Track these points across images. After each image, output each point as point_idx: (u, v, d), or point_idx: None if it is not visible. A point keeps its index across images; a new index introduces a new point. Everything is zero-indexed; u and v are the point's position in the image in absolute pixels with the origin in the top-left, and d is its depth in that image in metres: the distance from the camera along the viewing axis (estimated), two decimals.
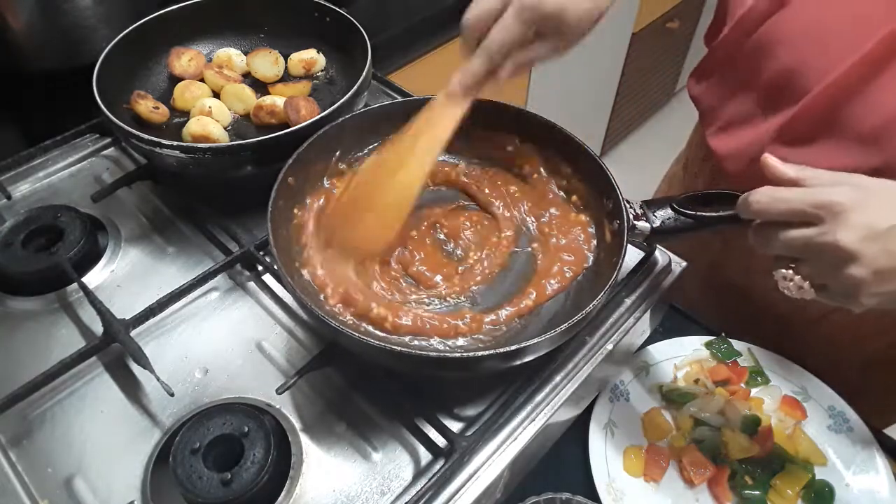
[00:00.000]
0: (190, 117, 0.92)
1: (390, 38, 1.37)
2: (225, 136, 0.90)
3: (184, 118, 0.94)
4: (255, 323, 0.79)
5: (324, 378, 0.73)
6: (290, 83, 0.99)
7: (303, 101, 0.92)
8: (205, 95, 0.96)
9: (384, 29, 1.38)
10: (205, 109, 0.92)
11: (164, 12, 1.00)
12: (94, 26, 1.14)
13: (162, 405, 0.71)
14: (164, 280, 0.82)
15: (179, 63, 1.00)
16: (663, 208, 0.73)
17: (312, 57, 1.02)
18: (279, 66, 1.02)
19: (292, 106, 0.91)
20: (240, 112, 0.97)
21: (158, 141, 0.80)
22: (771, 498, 0.76)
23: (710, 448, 0.79)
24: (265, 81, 1.02)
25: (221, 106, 0.94)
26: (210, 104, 0.92)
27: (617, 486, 0.76)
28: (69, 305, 0.80)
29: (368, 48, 0.94)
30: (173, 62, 1.00)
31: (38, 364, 0.72)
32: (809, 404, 0.84)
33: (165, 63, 1.01)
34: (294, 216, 0.78)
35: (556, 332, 0.62)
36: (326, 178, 0.82)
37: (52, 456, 0.67)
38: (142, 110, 0.91)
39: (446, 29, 1.46)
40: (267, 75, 1.01)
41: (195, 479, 0.61)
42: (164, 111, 0.94)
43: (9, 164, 0.95)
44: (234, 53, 1.03)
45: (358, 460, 0.67)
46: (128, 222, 0.90)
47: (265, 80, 1.02)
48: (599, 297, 0.64)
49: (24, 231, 0.84)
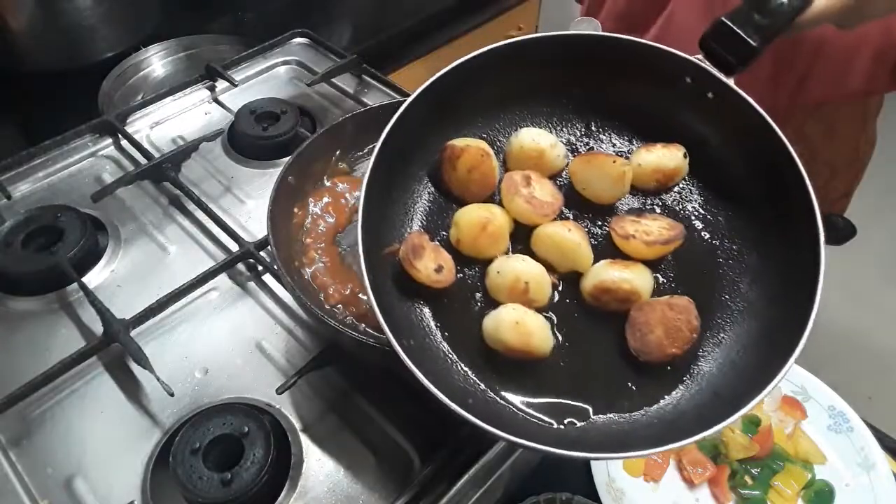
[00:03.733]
0: (491, 291, 0.59)
1: (390, 38, 1.37)
2: (549, 345, 0.57)
3: (473, 271, 0.61)
4: (255, 323, 0.79)
5: (324, 378, 0.73)
6: (641, 221, 0.60)
7: (675, 317, 0.55)
8: (504, 238, 0.61)
9: (384, 29, 1.38)
10: (518, 289, 0.57)
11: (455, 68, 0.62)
12: (94, 26, 1.14)
13: (162, 405, 0.71)
14: (164, 280, 0.82)
15: (455, 173, 0.62)
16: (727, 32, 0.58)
17: (677, 166, 0.63)
18: (624, 186, 0.62)
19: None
20: (562, 271, 0.61)
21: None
22: (771, 498, 0.76)
23: (710, 448, 0.79)
24: (598, 203, 0.63)
25: (542, 277, 0.58)
26: (526, 277, 0.57)
27: (617, 486, 0.76)
28: (69, 305, 0.80)
29: (807, 184, 0.56)
30: (447, 173, 0.63)
31: (37, 364, 0.72)
32: (809, 404, 0.84)
33: (435, 162, 0.65)
34: (294, 215, 0.78)
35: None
36: (327, 178, 0.82)
37: (52, 456, 0.67)
38: (422, 278, 0.57)
39: (447, 29, 1.46)
40: (603, 196, 0.63)
41: (195, 479, 0.61)
42: (450, 271, 0.59)
43: (9, 164, 0.95)
44: (547, 143, 0.64)
45: (358, 460, 0.67)
46: (128, 222, 0.90)
47: (598, 202, 0.63)
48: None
49: (24, 231, 0.84)
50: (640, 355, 0.56)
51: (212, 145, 1.01)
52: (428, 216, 0.64)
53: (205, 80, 1.13)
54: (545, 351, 0.57)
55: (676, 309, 0.56)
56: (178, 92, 1.10)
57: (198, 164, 0.98)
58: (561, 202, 0.63)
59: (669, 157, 0.63)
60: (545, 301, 0.59)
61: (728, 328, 0.59)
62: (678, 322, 0.56)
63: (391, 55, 1.38)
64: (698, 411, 0.54)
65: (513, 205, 0.61)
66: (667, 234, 0.59)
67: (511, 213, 0.62)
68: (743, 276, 0.60)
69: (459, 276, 0.61)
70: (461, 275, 0.61)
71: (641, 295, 0.58)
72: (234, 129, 1.02)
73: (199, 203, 0.89)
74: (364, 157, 0.85)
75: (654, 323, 0.56)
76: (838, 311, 2.15)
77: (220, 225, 0.87)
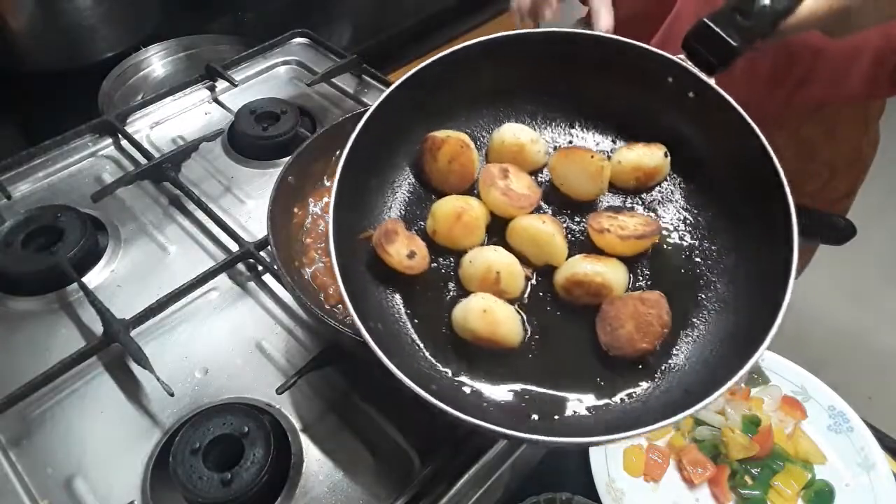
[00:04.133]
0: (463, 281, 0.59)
1: (390, 38, 1.37)
2: (517, 335, 0.57)
3: (448, 261, 0.61)
4: (255, 323, 0.79)
5: (324, 378, 0.73)
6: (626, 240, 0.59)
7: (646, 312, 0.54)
8: (480, 229, 0.61)
9: (384, 29, 1.38)
10: (490, 277, 0.57)
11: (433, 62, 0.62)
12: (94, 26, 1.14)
13: (162, 405, 0.71)
14: (164, 280, 0.82)
15: (436, 164, 0.63)
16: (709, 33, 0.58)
17: (657, 165, 0.63)
18: (603, 182, 0.62)
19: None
20: (537, 263, 0.61)
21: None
22: (771, 498, 0.76)
23: (710, 448, 0.79)
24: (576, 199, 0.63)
25: (515, 268, 0.58)
26: (497, 267, 0.57)
27: (617, 486, 0.76)
28: (69, 305, 0.80)
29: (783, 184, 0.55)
30: (428, 163, 0.63)
31: (37, 364, 0.72)
32: (809, 404, 0.84)
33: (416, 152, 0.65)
34: (294, 215, 0.78)
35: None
36: (327, 178, 0.82)
37: (52, 456, 0.67)
38: (393, 263, 0.57)
39: (447, 29, 1.46)
40: (581, 191, 0.63)
41: (195, 479, 0.61)
42: (423, 258, 0.59)
43: (9, 164, 0.95)
44: (528, 139, 0.64)
45: (357, 460, 0.67)
46: (128, 222, 0.90)
47: (577, 198, 0.63)
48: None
49: (24, 231, 0.84)
50: (611, 350, 0.56)
51: (212, 145, 1.01)
52: (407, 206, 0.65)
53: (205, 80, 1.13)
54: (513, 341, 0.57)
55: (648, 303, 0.55)
56: (178, 92, 1.10)
57: (198, 164, 0.98)
58: (538, 196, 0.63)
59: (650, 156, 0.63)
60: (517, 293, 0.59)
61: (702, 327, 0.58)
62: (649, 317, 0.55)
63: (391, 55, 1.38)
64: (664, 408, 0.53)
65: (489, 196, 0.61)
66: (642, 230, 0.59)
67: (487, 204, 0.62)
68: (721, 276, 0.60)
69: (434, 265, 0.61)
70: (435, 264, 0.61)
71: (613, 289, 0.57)
72: (234, 129, 1.02)
73: (199, 203, 0.89)
74: None
75: (624, 317, 0.55)
76: (838, 311, 2.15)
77: (220, 225, 0.86)
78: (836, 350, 1.99)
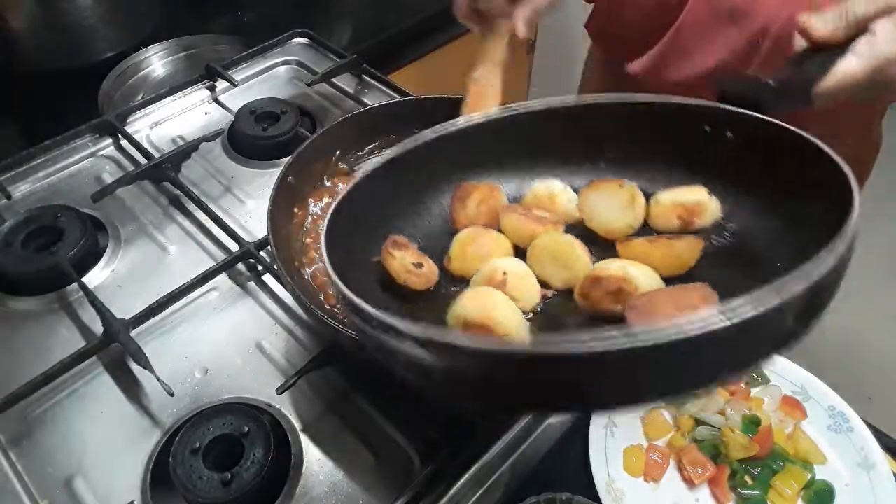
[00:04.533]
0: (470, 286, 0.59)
1: (390, 38, 1.37)
2: (522, 330, 0.53)
3: (462, 287, 0.59)
4: (255, 323, 0.79)
5: (324, 378, 0.73)
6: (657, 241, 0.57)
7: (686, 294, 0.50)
8: (500, 252, 0.60)
9: (384, 29, 1.38)
10: (496, 277, 0.56)
11: (454, 131, 0.62)
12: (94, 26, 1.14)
13: (162, 405, 0.71)
14: (164, 280, 0.82)
15: (464, 209, 0.64)
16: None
17: (699, 200, 0.60)
18: (636, 212, 0.61)
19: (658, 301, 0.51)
20: (558, 285, 0.58)
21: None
22: (771, 498, 0.76)
23: (710, 448, 0.79)
24: (608, 236, 0.61)
25: (526, 274, 0.57)
26: (506, 267, 0.56)
27: (617, 486, 0.76)
28: (69, 305, 0.80)
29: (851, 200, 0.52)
30: (457, 210, 0.64)
31: (38, 364, 0.72)
32: (809, 404, 0.84)
33: (447, 205, 0.66)
34: (294, 215, 0.78)
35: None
36: (327, 178, 0.82)
37: (52, 456, 0.67)
38: (395, 267, 0.57)
39: (447, 29, 1.46)
40: (613, 226, 0.61)
41: (195, 479, 0.61)
42: (431, 273, 0.59)
43: (9, 164, 0.95)
44: (560, 188, 0.64)
45: (357, 460, 0.67)
46: (128, 222, 0.90)
47: (608, 235, 0.61)
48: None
49: (24, 231, 0.84)
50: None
51: (212, 145, 1.01)
52: (428, 238, 0.63)
53: (205, 80, 1.13)
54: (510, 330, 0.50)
55: (686, 288, 0.49)
56: (178, 92, 1.10)
57: (198, 164, 0.98)
58: (562, 220, 0.60)
59: (689, 191, 0.59)
60: (528, 303, 0.55)
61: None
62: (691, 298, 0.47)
63: (391, 55, 1.38)
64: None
65: (507, 220, 0.60)
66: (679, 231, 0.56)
67: (506, 229, 0.61)
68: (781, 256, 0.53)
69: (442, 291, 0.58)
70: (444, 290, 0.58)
71: (638, 286, 0.50)
72: (234, 129, 1.02)
73: (199, 203, 0.89)
74: (364, 157, 0.85)
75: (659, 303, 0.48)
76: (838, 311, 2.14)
77: (220, 225, 0.87)
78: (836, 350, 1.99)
